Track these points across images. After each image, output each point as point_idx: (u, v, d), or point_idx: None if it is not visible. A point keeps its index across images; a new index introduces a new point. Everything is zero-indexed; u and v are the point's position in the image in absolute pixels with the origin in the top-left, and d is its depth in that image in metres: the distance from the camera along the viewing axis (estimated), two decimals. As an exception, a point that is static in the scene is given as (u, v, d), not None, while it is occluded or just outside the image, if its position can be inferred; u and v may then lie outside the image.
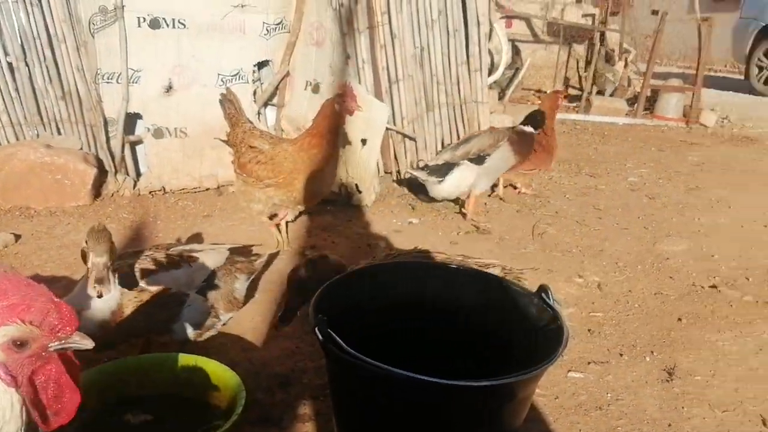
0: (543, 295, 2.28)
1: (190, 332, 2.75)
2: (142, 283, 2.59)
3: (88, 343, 1.33)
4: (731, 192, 5.83)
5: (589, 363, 3.03)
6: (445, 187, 4.63)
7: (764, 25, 12.43)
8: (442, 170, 4.62)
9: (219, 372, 2.46)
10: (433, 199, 4.98)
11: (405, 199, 5.17)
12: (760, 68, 12.72)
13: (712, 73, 14.99)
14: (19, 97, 4.95)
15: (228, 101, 4.10)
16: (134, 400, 2.50)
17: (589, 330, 3.33)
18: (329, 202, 4.76)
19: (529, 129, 4.63)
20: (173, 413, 2.46)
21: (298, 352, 2.99)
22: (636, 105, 9.60)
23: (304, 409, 2.66)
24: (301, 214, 4.32)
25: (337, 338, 1.93)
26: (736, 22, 13.35)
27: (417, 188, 5.24)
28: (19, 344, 1.26)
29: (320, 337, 1.97)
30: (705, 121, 9.28)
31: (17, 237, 4.14)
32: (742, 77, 13.86)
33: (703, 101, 9.72)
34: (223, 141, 4.17)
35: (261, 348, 3.05)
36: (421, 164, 5.16)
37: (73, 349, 1.34)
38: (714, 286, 3.87)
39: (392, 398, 1.98)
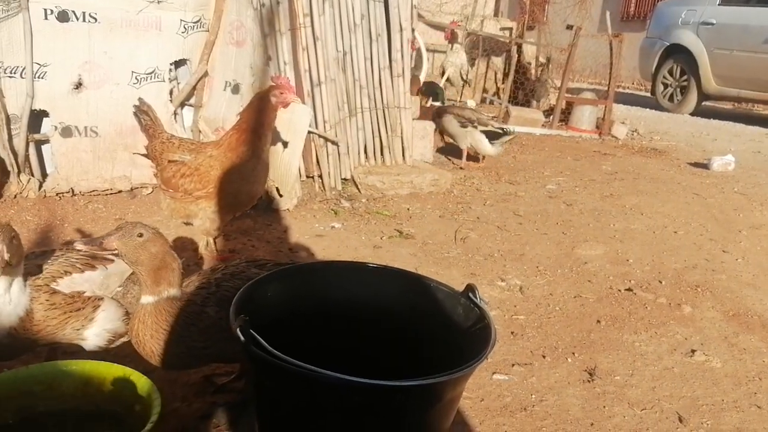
0: (470, 294, 2.25)
1: (103, 339, 2.58)
2: (53, 285, 2.40)
3: None
4: (643, 199, 6.04)
5: (513, 365, 3.03)
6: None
7: (668, 44, 13.06)
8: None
9: (133, 379, 2.30)
10: (354, 203, 4.93)
11: (327, 204, 5.09)
12: (665, 85, 13.38)
13: (620, 90, 15.60)
14: None
15: (143, 112, 3.83)
16: (38, 416, 2.31)
17: (512, 332, 3.34)
18: (249, 205, 4.62)
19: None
20: (83, 427, 2.29)
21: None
22: (552, 116, 9.88)
23: (222, 418, 2.53)
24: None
25: (261, 339, 1.84)
26: (643, 41, 13.98)
27: (340, 192, 5.19)
28: None
29: (242, 338, 1.87)
30: (616, 133, 9.63)
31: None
32: (649, 94, 14.54)
33: (614, 114, 10.09)
34: (143, 155, 3.93)
35: (176, 355, 2.89)
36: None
37: None
38: (630, 289, 3.97)
39: (320, 402, 1.90)
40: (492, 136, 6.61)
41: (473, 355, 1.97)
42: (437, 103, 8.66)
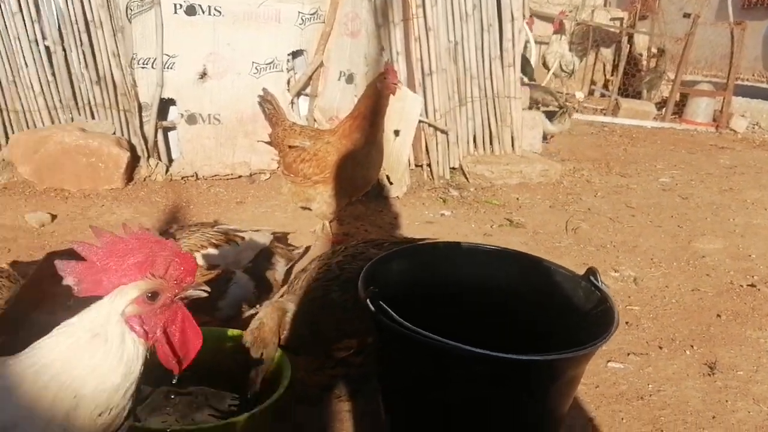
0: (591, 278, 2.25)
1: (235, 310, 2.75)
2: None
3: (205, 291, 1.42)
4: (766, 194, 5.76)
5: (628, 354, 2.99)
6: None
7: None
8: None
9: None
10: (462, 192, 4.99)
11: (436, 192, 5.15)
12: (791, 76, 12.59)
13: (739, 82, 14.81)
14: (55, 81, 4.99)
15: (266, 101, 4.05)
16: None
17: (627, 322, 3.29)
18: (360, 192, 4.75)
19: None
20: (217, 388, 2.45)
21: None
22: (665, 109, 9.52)
23: (343, 389, 2.65)
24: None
25: (390, 311, 1.92)
26: (767, 30, 13.22)
27: (448, 181, 5.24)
28: (151, 296, 1.34)
29: (372, 308, 1.96)
30: (735, 126, 9.19)
31: (53, 217, 4.17)
32: (772, 86, 13.72)
33: (733, 107, 9.62)
34: (266, 142, 4.15)
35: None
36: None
37: (193, 297, 1.42)
38: (753, 285, 3.82)
39: (444, 373, 1.96)
40: (553, 116, 6.81)
41: (592, 337, 1.98)
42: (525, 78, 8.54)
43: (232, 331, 2.55)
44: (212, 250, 2.67)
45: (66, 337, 1.34)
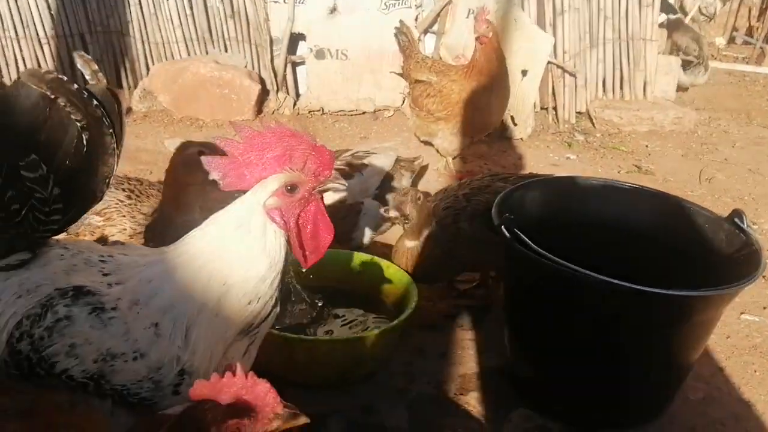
0: (736, 219, 2.15)
1: (367, 238, 2.82)
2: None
3: (341, 185, 1.43)
4: None
5: (764, 308, 2.86)
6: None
7: None
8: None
9: (392, 271, 2.51)
10: (588, 137, 4.86)
11: (560, 136, 5.02)
12: None
13: None
14: (192, 14, 5.18)
15: (402, 33, 4.08)
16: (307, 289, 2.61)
17: (763, 277, 3.12)
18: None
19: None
20: (346, 305, 2.56)
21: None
22: (817, 58, 8.74)
23: (465, 319, 2.69)
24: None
25: (525, 238, 1.92)
26: None
27: (574, 126, 5.10)
28: (290, 188, 1.38)
29: (507, 234, 1.96)
30: None
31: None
32: None
33: None
34: (398, 74, 4.18)
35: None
36: None
37: (331, 190, 1.43)
38: None
39: (577, 302, 1.95)
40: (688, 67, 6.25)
41: (732, 279, 1.90)
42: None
43: (362, 255, 2.64)
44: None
45: (213, 228, 1.43)
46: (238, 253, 1.39)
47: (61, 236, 1.56)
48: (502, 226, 1.97)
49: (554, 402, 2.14)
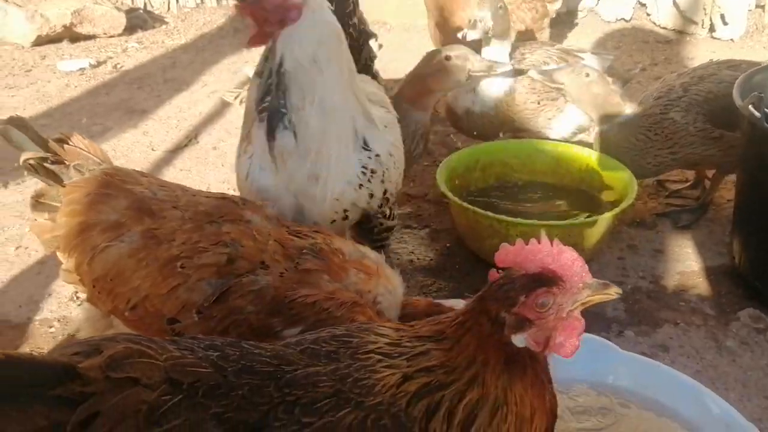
0: None
1: (569, 131, 2.74)
2: (532, 73, 2.58)
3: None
4: None
5: None
6: None
7: None
8: None
9: (606, 166, 2.43)
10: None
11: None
12: None
13: None
14: None
15: None
16: (512, 184, 2.59)
17: None
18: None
19: None
20: (549, 198, 2.52)
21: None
22: None
23: (678, 218, 2.55)
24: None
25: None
26: None
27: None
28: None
29: (757, 114, 1.81)
30: None
31: (380, 46, 4.41)
32: None
33: None
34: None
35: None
36: None
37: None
38: None
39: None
40: None
41: None
42: None
43: (571, 147, 2.57)
44: (551, 68, 2.63)
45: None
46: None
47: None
48: (751, 105, 1.81)
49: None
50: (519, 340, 0.99)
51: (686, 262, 2.33)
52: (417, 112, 2.39)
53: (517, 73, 2.61)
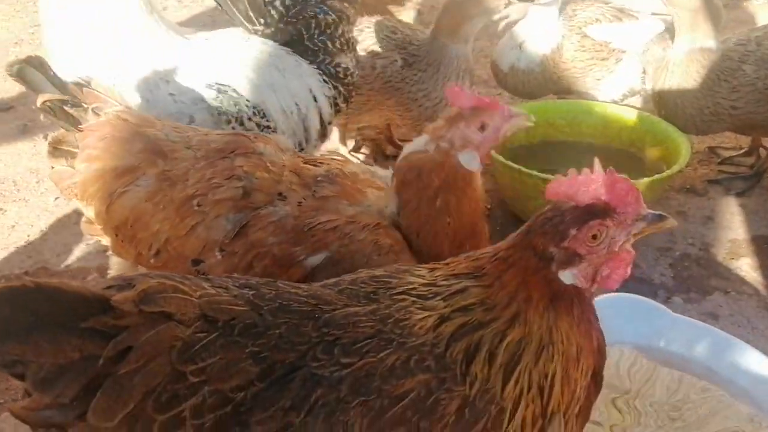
0: None
1: (619, 93, 2.62)
2: (584, 30, 2.47)
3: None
4: None
5: None
6: None
7: None
8: None
9: (659, 127, 2.33)
10: None
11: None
12: None
13: None
14: None
15: None
16: (557, 143, 2.50)
17: None
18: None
19: None
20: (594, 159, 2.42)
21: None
22: None
23: (731, 185, 2.45)
24: None
25: None
26: None
27: None
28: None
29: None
30: None
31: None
32: None
33: None
34: None
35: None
36: None
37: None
38: None
39: None
40: None
41: None
42: None
43: (620, 108, 2.48)
44: (606, 25, 2.53)
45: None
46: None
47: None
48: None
49: None
50: (567, 276, 0.92)
51: (738, 230, 2.24)
52: (456, 45, 2.30)
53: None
